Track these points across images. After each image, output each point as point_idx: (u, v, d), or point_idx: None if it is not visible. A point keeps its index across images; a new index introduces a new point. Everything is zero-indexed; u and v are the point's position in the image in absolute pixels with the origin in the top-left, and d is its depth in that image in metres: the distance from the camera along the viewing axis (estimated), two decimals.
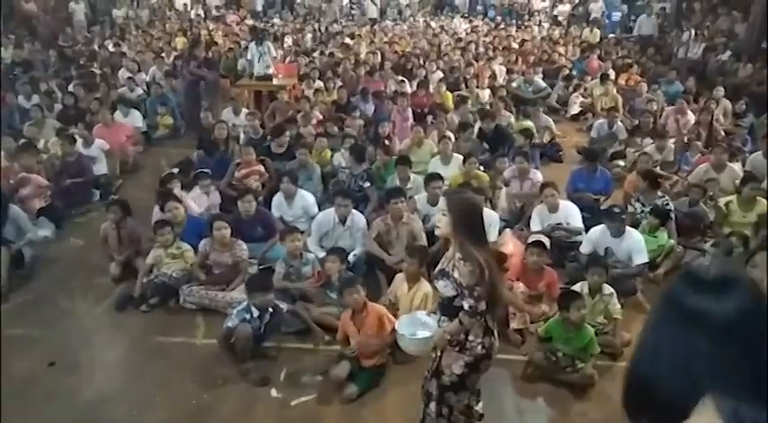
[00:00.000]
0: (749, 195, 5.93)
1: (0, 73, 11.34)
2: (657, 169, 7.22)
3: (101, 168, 7.58)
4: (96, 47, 14.38)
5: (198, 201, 6.46)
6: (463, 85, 11.32)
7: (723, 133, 8.08)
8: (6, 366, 4.44)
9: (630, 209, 6.34)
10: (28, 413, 4.08)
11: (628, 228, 5.39)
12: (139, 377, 4.48)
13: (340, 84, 10.80)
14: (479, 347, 3.15)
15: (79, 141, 7.52)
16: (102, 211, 6.37)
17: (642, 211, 6.17)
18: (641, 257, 5.22)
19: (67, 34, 15.50)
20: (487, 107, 9.57)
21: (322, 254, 5.49)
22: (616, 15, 20.45)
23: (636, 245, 5.24)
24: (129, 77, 11.21)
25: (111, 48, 14.36)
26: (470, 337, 3.15)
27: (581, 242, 5.64)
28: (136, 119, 9.18)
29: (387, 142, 7.85)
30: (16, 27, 15.35)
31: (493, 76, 11.82)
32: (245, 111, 9.13)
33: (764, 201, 5.97)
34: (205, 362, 4.59)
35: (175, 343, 4.84)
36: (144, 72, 11.99)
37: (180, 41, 15.24)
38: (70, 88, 10.51)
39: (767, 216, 5.66)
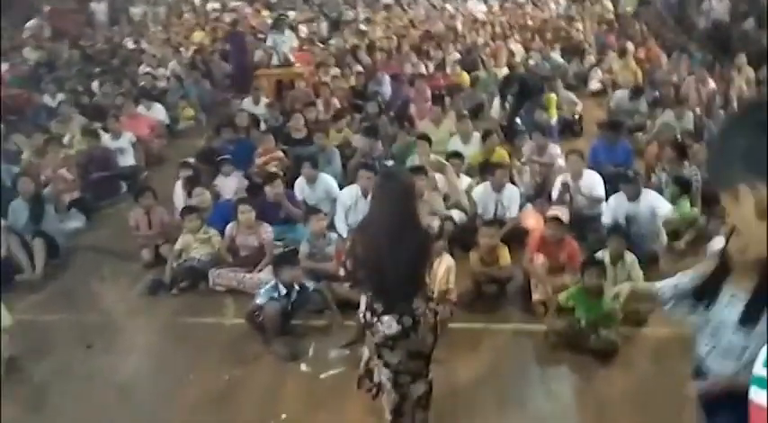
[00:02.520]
0: None
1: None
2: (679, 138, 7.14)
3: (129, 160, 7.77)
4: (117, 44, 14.63)
5: (225, 186, 6.61)
6: (480, 66, 11.28)
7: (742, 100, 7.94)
8: (46, 349, 4.64)
9: (654, 179, 6.32)
10: (67, 392, 4.26)
11: (644, 189, 5.40)
12: (172, 357, 4.65)
13: (358, 69, 10.85)
14: (361, 316, 3.19)
15: (106, 135, 7.73)
16: (130, 201, 6.54)
17: (666, 181, 6.14)
18: (662, 211, 5.24)
19: (88, 33, 15.78)
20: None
21: (346, 231, 5.61)
22: None
23: (655, 200, 5.26)
24: (150, 73, 11.43)
25: (130, 45, 14.59)
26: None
27: (602, 213, 5.65)
28: (159, 112, 9.36)
29: (407, 123, 7.93)
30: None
31: (511, 55, 11.74)
32: (264, 99, 9.24)
33: None
34: (235, 340, 4.73)
35: (206, 324, 5.00)
36: (164, 67, 12.18)
37: (198, 35, 15.41)
38: (94, 85, 10.74)
39: None
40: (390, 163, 6.79)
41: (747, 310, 2.31)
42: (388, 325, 3.00)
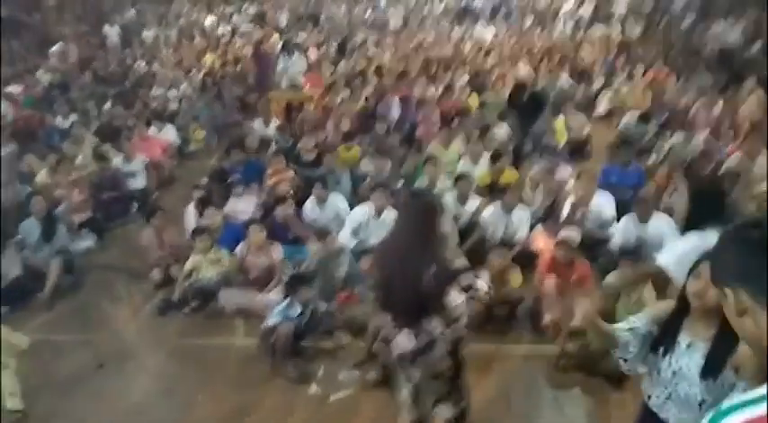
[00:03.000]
0: None
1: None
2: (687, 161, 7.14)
3: (140, 182, 7.84)
4: (129, 67, 14.84)
5: (237, 207, 6.65)
6: (488, 89, 11.35)
7: (752, 125, 7.93)
8: (56, 369, 4.64)
9: (666, 200, 6.31)
10: (77, 412, 4.25)
11: (655, 211, 5.39)
12: (181, 378, 4.63)
13: (367, 91, 10.95)
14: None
15: (118, 158, 7.82)
16: (141, 222, 6.58)
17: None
18: (672, 235, 5.21)
19: (101, 56, 16.03)
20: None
21: (353, 243, 5.62)
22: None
23: (664, 229, 5.22)
24: (162, 95, 11.58)
25: (143, 67, 14.80)
26: None
27: (612, 235, 5.64)
28: (170, 133, 9.46)
29: (416, 145, 7.98)
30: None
31: (517, 76, 11.83)
32: (274, 121, 9.33)
33: None
34: (244, 361, 4.71)
35: (215, 344, 4.99)
36: (175, 89, 12.32)
37: (209, 58, 15.61)
38: (106, 107, 10.88)
39: None
40: (400, 184, 6.81)
41: (708, 363, 2.19)
42: (404, 340, 3.03)
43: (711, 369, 2.17)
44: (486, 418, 4.01)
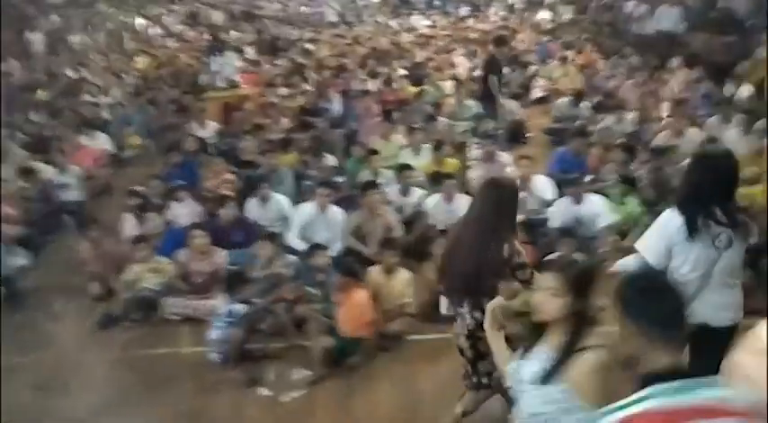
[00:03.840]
0: None
1: None
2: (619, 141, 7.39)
3: (73, 194, 7.56)
4: (56, 74, 14.26)
5: (178, 212, 6.49)
6: (426, 79, 11.44)
7: (676, 102, 8.25)
8: None
9: (599, 177, 6.52)
10: None
11: (587, 194, 5.57)
12: (128, 391, 4.49)
13: (306, 88, 10.87)
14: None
15: (51, 170, 7.52)
16: (77, 235, 6.35)
17: (613, 182, 6.35)
18: (604, 220, 5.40)
19: (26, 65, 15.34)
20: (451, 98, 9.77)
21: (302, 246, 5.58)
22: None
23: (597, 208, 5.41)
24: (92, 102, 11.18)
25: (71, 74, 14.25)
26: None
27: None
28: (103, 141, 9.15)
29: (357, 139, 7.98)
30: None
31: (453, 66, 12.00)
32: (211, 123, 9.16)
33: None
34: (192, 369, 4.64)
35: (161, 354, 4.88)
36: (106, 95, 11.92)
37: (141, 62, 15.18)
38: (33, 118, 10.43)
39: None
40: (341, 179, 6.80)
41: (543, 371, 2.12)
42: (464, 316, 3.25)
43: (543, 377, 2.11)
44: (439, 407, 4.05)
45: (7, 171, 7.88)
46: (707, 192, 2.84)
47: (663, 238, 2.91)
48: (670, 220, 2.91)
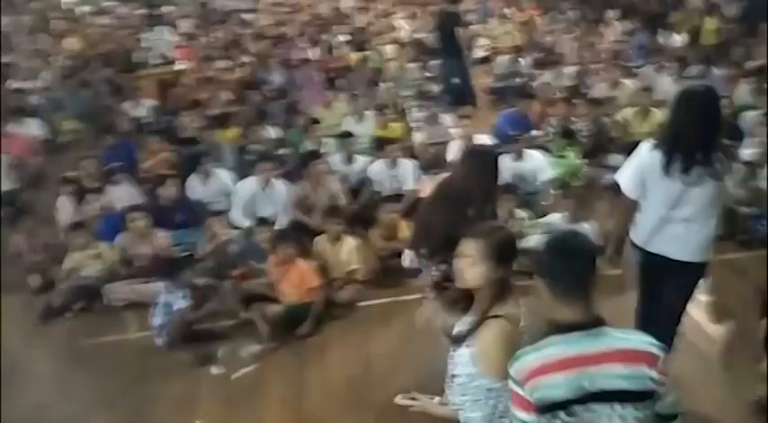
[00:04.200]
0: (642, 106, 6.25)
1: None
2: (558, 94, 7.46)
3: (5, 184, 7.23)
4: None
5: (116, 196, 6.28)
6: (367, 45, 11.28)
7: (612, 53, 8.39)
8: None
9: (540, 132, 6.59)
10: None
11: (527, 150, 5.63)
12: (77, 383, 4.40)
13: (244, 59, 10.58)
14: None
15: None
16: (11, 227, 6.09)
17: (553, 135, 6.43)
18: (545, 174, 5.48)
19: None
20: (393, 62, 9.66)
21: (247, 223, 5.50)
22: None
23: (538, 163, 5.49)
24: (20, 88, 10.65)
25: None
26: None
27: None
28: (33, 128, 8.76)
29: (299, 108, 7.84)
30: None
31: (393, 30, 11.87)
32: (146, 101, 8.86)
33: (658, 111, 6.30)
34: (141, 355, 4.54)
35: (108, 342, 4.76)
36: (34, 79, 11.37)
37: (70, 42, 14.48)
38: None
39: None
40: (284, 151, 6.68)
41: (459, 333, 2.16)
42: (430, 269, 3.40)
43: (455, 340, 2.17)
44: (392, 369, 4.10)
45: None
46: (687, 129, 2.84)
47: (638, 171, 2.98)
48: (648, 153, 2.95)
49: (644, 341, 1.78)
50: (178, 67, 9.79)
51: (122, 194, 6.27)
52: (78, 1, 19.31)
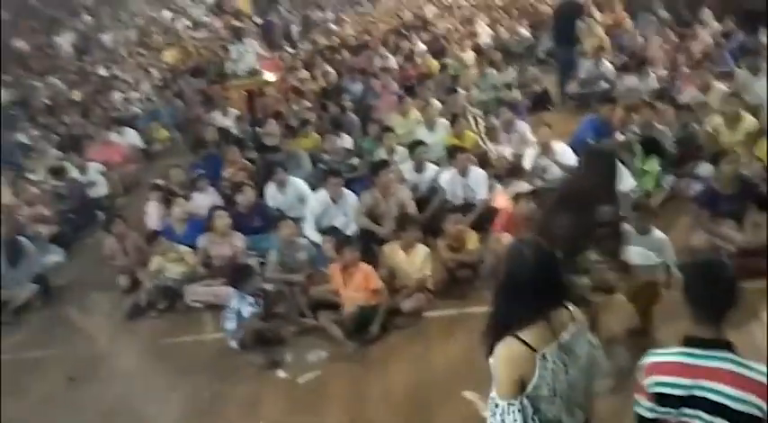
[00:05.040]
0: (731, 113, 5.84)
1: None
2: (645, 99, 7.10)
3: (101, 191, 7.80)
4: (88, 73, 14.66)
5: (199, 202, 6.62)
6: (448, 52, 11.24)
7: (703, 55, 7.90)
8: (29, 387, 4.68)
9: (623, 138, 6.31)
10: None
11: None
12: (154, 379, 4.70)
13: (327, 69, 10.84)
14: None
15: (75, 170, 7.77)
16: (105, 230, 6.54)
17: (633, 142, 6.13)
18: (625, 184, 5.21)
19: (59, 67, 15.82)
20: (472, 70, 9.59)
21: (319, 238, 5.60)
22: None
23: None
24: (124, 98, 11.48)
25: (103, 72, 14.61)
26: None
27: None
28: (131, 137, 9.38)
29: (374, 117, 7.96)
30: (11, 67, 15.68)
31: (475, 36, 11.76)
32: (233, 111, 9.27)
33: (750, 117, 5.87)
34: (214, 355, 4.77)
35: (185, 342, 5.03)
36: (136, 90, 12.20)
37: (169, 55, 15.42)
38: (65, 118, 10.78)
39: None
40: (356, 161, 6.79)
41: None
42: None
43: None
44: (453, 381, 4.06)
45: (41, 172, 8.23)
46: None
47: None
48: None
49: (763, 373, 1.90)
50: (265, 78, 10.14)
51: (205, 202, 6.59)
52: (176, 16, 20.49)
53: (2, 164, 8.52)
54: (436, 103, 7.71)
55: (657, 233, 4.35)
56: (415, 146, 6.39)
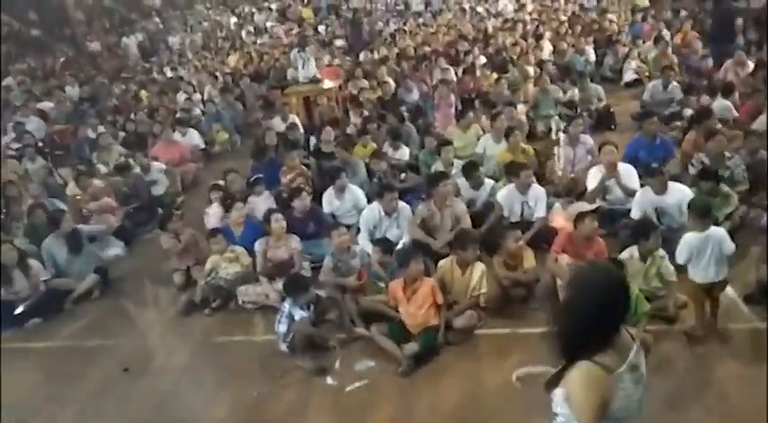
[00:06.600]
0: None
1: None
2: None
3: (160, 189, 8.03)
4: (155, 74, 15.16)
5: (256, 205, 6.72)
6: (509, 66, 11.13)
7: None
8: (85, 375, 4.82)
9: (691, 170, 6.08)
10: (105, 415, 4.40)
11: (671, 183, 5.21)
12: (204, 376, 4.75)
13: (385, 79, 10.88)
14: None
15: (138, 167, 8.04)
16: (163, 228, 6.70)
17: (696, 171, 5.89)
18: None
19: (129, 67, 16.46)
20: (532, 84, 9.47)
21: (371, 248, 5.57)
22: None
23: (683, 197, 5.01)
24: (187, 99, 11.81)
25: (169, 73, 15.10)
26: None
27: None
28: (193, 138, 9.62)
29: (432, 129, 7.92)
30: (84, 65, 16.40)
31: (540, 50, 11.63)
32: (292, 117, 9.40)
33: None
34: (264, 357, 4.79)
35: (236, 341, 5.09)
36: (200, 92, 12.54)
37: (232, 59, 15.83)
38: (132, 117, 11.18)
39: None
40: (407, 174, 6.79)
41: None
42: None
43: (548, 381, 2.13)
44: (502, 401, 3.97)
45: (107, 166, 8.54)
46: None
47: None
48: None
49: None
50: (323, 85, 10.27)
51: (262, 206, 6.68)
52: (241, 21, 21.05)
53: (74, 158, 8.88)
54: (504, 116, 7.59)
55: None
56: (471, 166, 6.28)
